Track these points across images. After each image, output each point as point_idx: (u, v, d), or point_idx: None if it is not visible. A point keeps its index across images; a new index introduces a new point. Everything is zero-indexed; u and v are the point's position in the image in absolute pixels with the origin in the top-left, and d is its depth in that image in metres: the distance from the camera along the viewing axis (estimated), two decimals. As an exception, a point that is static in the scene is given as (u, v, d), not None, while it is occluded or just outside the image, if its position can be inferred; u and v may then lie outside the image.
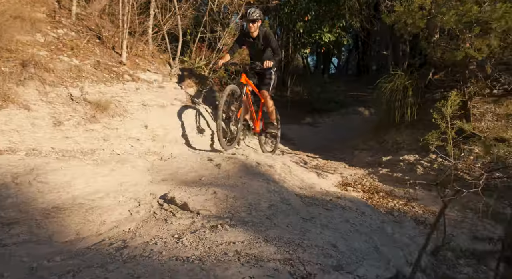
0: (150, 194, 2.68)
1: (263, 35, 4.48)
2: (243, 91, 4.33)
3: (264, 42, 4.49)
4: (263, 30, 4.50)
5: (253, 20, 4.33)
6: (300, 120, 9.64)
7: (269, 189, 3.07)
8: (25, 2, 4.13)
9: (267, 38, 4.45)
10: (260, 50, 4.59)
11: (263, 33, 4.48)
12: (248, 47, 4.78)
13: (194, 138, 4.50)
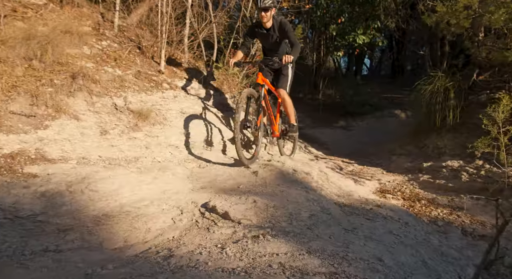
0: (192, 202, 2.73)
1: (278, 25, 3.92)
2: (261, 93, 3.85)
3: (280, 33, 3.96)
4: (278, 19, 3.94)
5: (265, 8, 3.76)
6: (332, 123, 9.48)
7: (308, 198, 3.04)
8: (73, 17, 4.38)
9: (283, 28, 3.90)
10: (276, 42, 4.08)
11: (278, 22, 3.92)
12: (261, 39, 4.29)
13: (230, 145, 4.55)
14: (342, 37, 7.26)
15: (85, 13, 4.80)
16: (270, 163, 4.14)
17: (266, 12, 3.78)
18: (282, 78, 4.20)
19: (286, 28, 3.89)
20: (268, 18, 3.84)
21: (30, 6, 4.22)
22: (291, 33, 3.93)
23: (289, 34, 3.90)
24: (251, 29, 4.19)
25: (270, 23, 3.92)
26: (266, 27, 3.95)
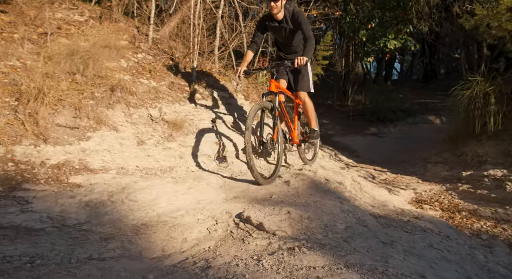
0: (226, 213, 2.75)
1: (290, 15, 3.55)
2: (275, 103, 3.50)
3: (293, 24, 3.59)
4: (290, 9, 3.57)
5: None
6: (363, 130, 9.28)
7: (343, 209, 2.98)
8: (111, 32, 4.60)
9: (296, 18, 3.54)
10: (289, 35, 3.72)
11: (290, 13, 3.55)
12: (273, 33, 3.91)
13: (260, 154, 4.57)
14: (372, 43, 7.12)
15: (122, 27, 5.03)
16: (302, 172, 4.11)
17: (276, 2, 3.41)
18: (301, 78, 3.86)
19: (300, 19, 3.52)
20: (279, 8, 3.47)
21: (73, 23, 4.48)
22: (305, 24, 3.55)
23: (303, 26, 3.53)
24: (261, 23, 3.80)
25: (282, 14, 3.54)
26: (278, 19, 3.58)
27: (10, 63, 3.26)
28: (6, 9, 4.02)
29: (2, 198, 2.14)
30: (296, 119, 4.26)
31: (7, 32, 3.62)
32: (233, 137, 4.27)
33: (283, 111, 3.80)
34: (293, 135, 4.08)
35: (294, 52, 3.89)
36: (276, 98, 3.53)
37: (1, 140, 2.51)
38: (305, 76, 3.86)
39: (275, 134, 3.56)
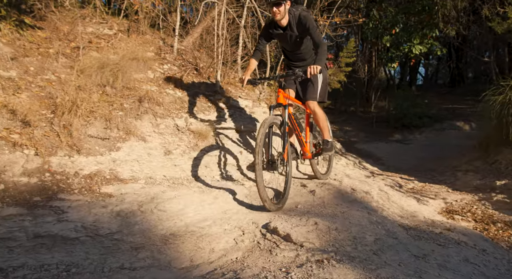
0: (253, 223, 2.75)
1: (296, 20, 3.25)
2: (285, 116, 3.20)
3: (299, 30, 3.28)
4: (296, 14, 3.25)
5: (276, 2, 3.09)
6: (387, 137, 9.08)
7: (371, 220, 2.91)
8: (138, 44, 4.75)
9: (303, 23, 3.22)
10: (296, 42, 3.41)
11: (296, 18, 3.24)
12: (279, 40, 3.63)
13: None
14: (396, 48, 6.99)
15: (148, 39, 5.18)
16: (327, 181, 4.06)
17: (279, 7, 3.10)
18: (310, 87, 3.55)
19: (307, 24, 3.19)
20: (282, 14, 3.15)
21: (103, 37, 4.66)
22: (314, 29, 3.20)
23: (311, 31, 3.20)
24: (265, 30, 3.50)
25: (286, 19, 3.25)
26: (282, 25, 3.29)
27: (46, 77, 3.43)
28: (43, 26, 4.24)
29: (40, 208, 2.24)
30: (307, 131, 4.00)
31: (44, 47, 3.80)
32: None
33: (293, 124, 3.53)
34: (305, 149, 3.77)
35: (302, 59, 3.62)
36: (286, 112, 3.22)
37: (38, 152, 2.63)
38: (314, 84, 3.55)
39: (285, 153, 3.16)
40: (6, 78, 3.10)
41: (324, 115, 3.74)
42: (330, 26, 6.12)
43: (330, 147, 3.83)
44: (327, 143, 3.80)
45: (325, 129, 3.78)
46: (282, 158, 3.17)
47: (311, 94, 3.54)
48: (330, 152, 3.91)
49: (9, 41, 3.53)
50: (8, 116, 2.75)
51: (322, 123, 3.70)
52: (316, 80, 3.54)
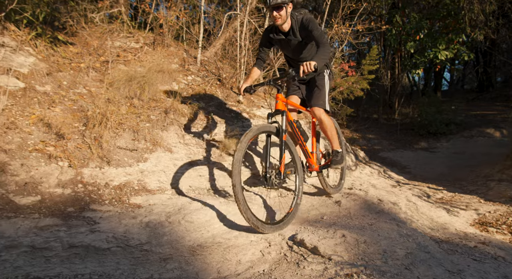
0: (279, 235, 2.73)
1: (298, 25, 2.98)
2: (282, 124, 2.84)
3: (302, 34, 3.01)
4: (298, 18, 2.99)
5: (276, 6, 2.82)
6: (412, 145, 8.84)
7: (401, 233, 2.82)
8: (163, 57, 4.88)
9: (306, 27, 2.94)
10: (299, 48, 3.13)
11: (299, 22, 2.98)
12: (280, 47, 3.32)
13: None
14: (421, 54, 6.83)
15: (172, 51, 5.32)
16: (352, 192, 3.99)
17: (279, 11, 2.85)
18: (316, 92, 3.28)
19: (310, 26, 2.90)
20: (284, 18, 2.89)
21: (130, 50, 4.83)
22: (317, 31, 2.89)
23: (314, 33, 2.89)
24: (265, 36, 3.22)
25: (288, 24, 2.99)
26: (284, 30, 3.03)
27: (78, 90, 3.57)
28: (74, 41, 4.44)
29: (74, 218, 2.31)
30: (314, 141, 3.65)
31: (75, 62, 3.97)
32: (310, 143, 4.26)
33: (296, 132, 3.22)
34: (310, 161, 3.44)
35: None
36: (283, 119, 2.86)
37: (72, 163, 2.73)
38: (321, 90, 3.27)
39: (282, 165, 2.79)
40: (42, 92, 3.26)
41: (332, 123, 3.40)
42: (352, 34, 6.08)
43: (340, 159, 3.45)
44: (336, 154, 3.45)
45: (333, 139, 3.42)
46: (279, 171, 2.78)
47: (317, 100, 3.25)
48: (340, 165, 3.47)
49: (44, 57, 3.71)
50: (44, 129, 2.88)
51: (330, 132, 3.37)
52: (323, 85, 3.28)
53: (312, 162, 3.46)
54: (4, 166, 2.43)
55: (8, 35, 3.47)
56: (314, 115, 3.30)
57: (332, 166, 3.44)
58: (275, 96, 2.89)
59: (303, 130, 3.27)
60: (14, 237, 2.00)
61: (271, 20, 2.99)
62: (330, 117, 3.47)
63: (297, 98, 3.44)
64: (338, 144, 3.48)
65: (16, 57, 3.37)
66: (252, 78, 3.20)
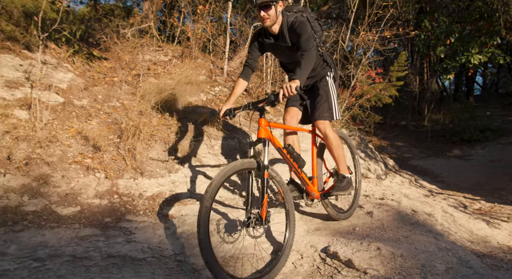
0: (311, 246, 2.68)
1: (289, 26, 2.53)
2: (265, 158, 2.26)
3: (293, 39, 2.55)
4: (290, 18, 2.54)
5: (264, 4, 2.40)
6: (445, 152, 8.50)
7: (439, 246, 2.70)
8: (191, 69, 5.00)
9: (295, 30, 2.49)
10: (291, 52, 2.65)
11: (290, 23, 2.53)
12: (273, 52, 2.86)
13: (336, 181, 4.43)
14: (452, 59, 6.61)
15: (200, 63, 5.44)
16: (384, 202, 3.88)
17: (267, 10, 2.41)
18: (321, 101, 2.76)
19: (299, 29, 2.47)
20: (273, 18, 2.46)
21: (159, 63, 4.98)
22: (305, 35, 2.44)
23: (302, 37, 2.45)
24: (254, 40, 2.75)
25: (278, 25, 2.54)
26: (274, 32, 2.58)
27: (112, 104, 3.71)
28: (108, 56, 4.64)
29: (111, 229, 2.38)
30: (314, 163, 3.02)
31: (109, 76, 4.15)
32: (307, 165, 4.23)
33: (287, 160, 2.67)
34: (309, 188, 2.87)
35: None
36: (265, 150, 2.30)
37: (108, 175, 2.83)
38: (328, 99, 2.77)
39: (263, 209, 2.25)
40: (80, 106, 3.41)
41: (339, 141, 2.86)
42: (378, 40, 5.98)
43: (345, 186, 2.88)
44: (342, 179, 2.90)
45: (340, 160, 2.90)
46: (259, 216, 2.24)
47: (322, 111, 2.74)
48: (344, 192, 2.89)
49: (81, 72, 3.90)
50: (82, 142, 3.01)
51: (336, 150, 2.85)
52: (327, 91, 2.78)
53: (311, 189, 2.88)
54: (47, 178, 2.55)
55: (49, 53, 3.68)
56: (319, 130, 2.82)
57: (333, 193, 2.86)
58: (257, 120, 2.38)
59: (297, 155, 2.70)
60: (57, 247, 2.08)
61: (259, 21, 2.56)
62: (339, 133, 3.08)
63: (297, 111, 2.94)
64: (345, 166, 2.95)
65: (56, 74, 3.56)
66: (235, 94, 2.67)
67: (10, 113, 2.83)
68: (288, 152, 2.65)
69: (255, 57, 2.76)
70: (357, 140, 5.94)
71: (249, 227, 2.21)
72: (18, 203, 2.30)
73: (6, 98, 2.96)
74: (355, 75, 6.05)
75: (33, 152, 2.65)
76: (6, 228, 2.11)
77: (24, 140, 2.67)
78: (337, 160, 2.92)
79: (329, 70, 2.84)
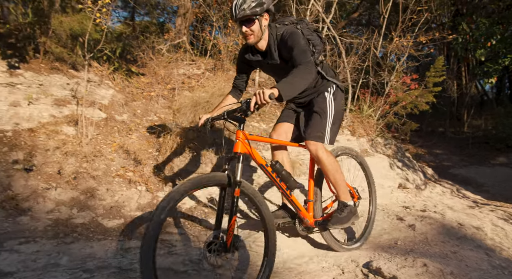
0: (352, 261, 2.60)
1: (278, 40, 2.22)
2: (237, 174, 1.95)
3: (284, 54, 2.23)
4: (280, 31, 2.22)
5: (245, 18, 2.09)
6: (488, 160, 8.01)
7: (493, 264, 2.53)
8: (223, 81, 5.09)
9: (285, 44, 2.17)
10: (283, 69, 2.25)
11: (279, 37, 2.21)
12: (263, 70, 2.55)
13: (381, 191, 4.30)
14: (494, 61, 6.27)
15: (232, 75, 5.52)
16: (427, 214, 3.71)
17: (250, 25, 2.11)
18: (315, 119, 2.40)
19: (290, 43, 2.14)
20: (258, 34, 2.16)
21: (193, 77, 5.12)
22: (298, 48, 2.11)
23: (294, 51, 2.11)
24: (240, 57, 2.44)
25: (265, 41, 2.24)
26: (260, 48, 2.28)
27: (150, 118, 3.85)
28: (144, 72, 4.83)
29: (154, 241, 2.44)
30: (312, 184, 2.65)
31: (147, 91, 4.31)
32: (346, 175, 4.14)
33: (273, 180, 2.30)
34: (302, 214, 2.51)
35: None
36: (239, 166, 1.98)
37: (148, 188, 2.92)
38: (322, 114, 2.40)
39: (229, 233, 1.90)
40: (120, 121, 3.56)
41: (336, 163, 2.47)
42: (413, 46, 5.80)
43: (345, 216, 2.47)
44: (342, 208, 2.49)
45: (338, 185, 2.51)
46: (224, 243, 1.89)
47: (314, 131, 2.38)
48: (342, 225, 2.47)
49: (121, 88, 4.08)
50: (124, 156, 3.13)
51: (332, 174, 2.46)
52: (323, 108, 2.41)
53: (304, 215, 2.51)
54: (94, 191, 2.67)
55: (92, 71, 3.89)
56: (309, 151, 2.43)
57: (330, 225, 2.42)
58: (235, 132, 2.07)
59: (286, 175, 2.27)
60: (104, 258, 2.16)
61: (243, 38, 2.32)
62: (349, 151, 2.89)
63: (288, 127, 2.60)
64: (346, 192, 2.55)
65: (99, 91, 3.75)
66: (221, 107, 2.40)
67: (60, 130, 3.01)
68: (274, 170, 2.26)
69: (243, 77, 2.50)
70: (393, 149, 5.74)
71: (210, 252, 1.85)
72: (68, 215, 2.42)
73: (55, 115, 3.15)
74: (388, 82, 5.90)
75: (80, 166, 2.79)
76: (58, 240, 2.22)
77: (72, 155, 2.82)
78: (335, 186, 2.53)
79: (330, 86, 2.46)
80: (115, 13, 8.51)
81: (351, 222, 2.55)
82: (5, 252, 2.01)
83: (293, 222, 2.60)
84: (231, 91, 2.54)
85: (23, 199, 2.41)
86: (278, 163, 2.27)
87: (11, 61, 3.21)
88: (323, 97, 2.44)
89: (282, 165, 2.29)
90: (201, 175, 1.90)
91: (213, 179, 1.92)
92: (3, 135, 2.77)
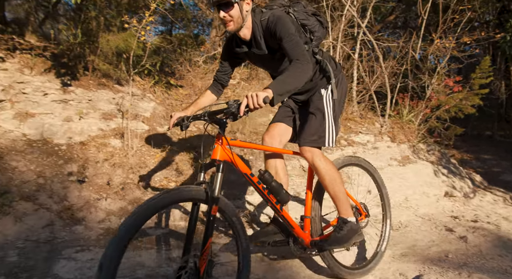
0: (400, 275, 2.49)
1: (264, 28, 1.92)
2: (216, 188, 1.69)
3: (271, 44, 1.95)
4: (264, 18, 1.91)
5: (224, 1, 1.79)
6: (544, 165, 7.38)
7: (561, 282, 2.32)
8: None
9: (272, 31, 1.87)
10: (272, 59, 2.03)
11: (264, 25, 1.92)
12: (252, 62, 2.27)
13: (418, 201, 4.11)
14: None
15: (266, 84, 5.56)
16: (479, 225, 3.49)
17: (228, 10, 1.81)
18: (311, 121, 2.12)
19: (278, 32, 1.83)
20: (238, 20, 1.86)
21: (228, 87, 5.21)
22: (288, 39, 1.80)
23: (284, 43, 1.81)
24: (225, 49, 2.19)
25: (249, 30, 1.95)
26: (245, 38, 1.99)
27: (189, 128, 3.95)
28: (182, 84, 4.99)
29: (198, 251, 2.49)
30: (309, 197, 2.32)
31: (185, 103, 4.44)
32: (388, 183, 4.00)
33: (260, 192, 1.98)
34: (296, 232, 2.15)
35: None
36: (218, 177, 1.72)
37: (191, 197, 2.99)
38: (319, 119, 2.11)
39: (204, 257, 1.65)
40: (162, 133, 3.70)
41: (336, 173, 2.13)
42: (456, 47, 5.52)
43: (344, 236, 2.08)
44: (341, 226, 2.11)
45: (338, 198, 2.14)
46: (195, 267, 1.62)
47: (308, 135, 2.10)
48: (340, 246, 2.12)
49: (161, 101, 4.24)
50: (166, 167, 3.24)
51: (331, 186, 2.11)
52: (320, 109, 2.12)
53: (298, 232, 2.15)
54: (140, 201, 2.78)
55: (135, 85, 4.09)
56: (305, 157, 2.15)
57: (326, 246, 2.09)
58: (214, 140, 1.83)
59: (276, 186, 1.96)
60: (152, 267, 2.23)
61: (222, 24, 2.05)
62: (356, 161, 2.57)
63: (285, 129, 2.30)
64: (347, 207, 2.17)
65: (142, 104, 3.92)
66: (198, 105, 2.18)
67: (108, 142, 3.18)
68: (263, 181, 1.94)
69: (226, 69, 2.21)
70: (436, 155, 5.47)
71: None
72: (118, 225, 2.53)
73: (103, 129, 3.33)
74: (429, 85, 5.65)
75: (127, 177, 2.92)
76: (109, 249, 2.32)
77: (120, 167, 2.96)
78: (334, 200, 2.16)
79: (325, 83, 2.16)
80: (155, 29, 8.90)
81: (352, 243, 2.16)
82: (63, 260, 2.14)
83: (287, 241, 2.22)
84: (211, 86, 2.26)
85: (78, 209, 2.55)
86: (267, 172, 1.97)
87: (64, 79, 3.46)
88: (319, 95, 2.15)
89: (271, 175, 1.98)
90: (173, 190, 1.57)
91: (187, 195, 1.62)
92: (59, 149, 2.97)
